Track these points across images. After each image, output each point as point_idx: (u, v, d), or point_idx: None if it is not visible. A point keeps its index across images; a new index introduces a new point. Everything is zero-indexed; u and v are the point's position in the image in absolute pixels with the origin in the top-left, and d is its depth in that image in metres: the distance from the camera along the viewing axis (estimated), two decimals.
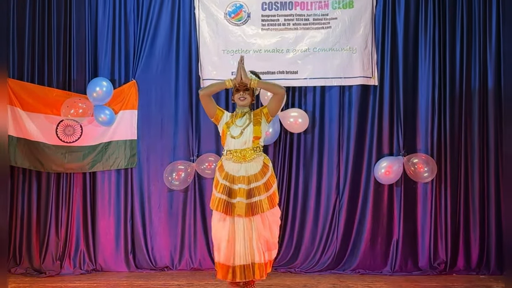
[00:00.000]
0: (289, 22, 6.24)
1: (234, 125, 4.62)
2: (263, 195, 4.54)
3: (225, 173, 4.59)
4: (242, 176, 4.55)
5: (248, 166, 4.57)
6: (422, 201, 6.17)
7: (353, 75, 6.19)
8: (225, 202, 4.52)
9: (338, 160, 6.25)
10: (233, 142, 4.58)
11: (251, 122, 4.62)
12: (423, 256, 6.13)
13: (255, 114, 4.70)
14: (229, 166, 4.60)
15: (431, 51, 6.18)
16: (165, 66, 6.28)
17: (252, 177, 4.55)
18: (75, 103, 6.08)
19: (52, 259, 6.14)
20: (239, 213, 4.48)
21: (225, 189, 4.55)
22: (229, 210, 4.52)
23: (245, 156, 4.56)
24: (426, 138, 6.17)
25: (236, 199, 4.51)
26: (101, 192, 6.27)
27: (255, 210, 4.51)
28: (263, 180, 4.57)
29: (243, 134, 4.59)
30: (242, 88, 4.64)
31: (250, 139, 4.58)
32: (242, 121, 4.63)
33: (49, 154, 6.16)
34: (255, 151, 4.61)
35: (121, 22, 6.30)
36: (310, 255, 6.19)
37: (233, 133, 4.59)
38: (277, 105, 4.72)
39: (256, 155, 4.60)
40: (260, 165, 4.61)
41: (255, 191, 4.53)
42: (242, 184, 4.53)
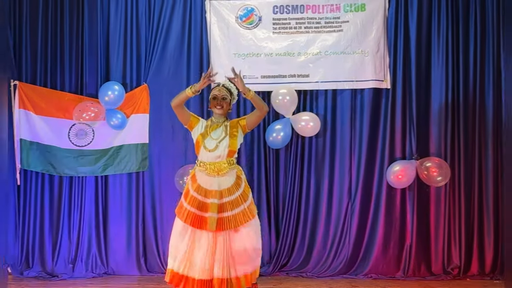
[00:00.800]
0: (301, 25, 6.22)
1: (209, 137, 4.47)
2: (239, 208, 4.41)
3: (197, 185, 4.46)
4: (214, 190, 4.41)
5: (221, 180, 4.43)
6: (436, 205, 6.12)
7: (365, 78, 6.16)
8: (194, 215, 4.39)
9: (350, 164, 6.22)
10: (207, 155, 4.44)
11: (227, 135, 4.48)
12: (437, 261, 6.09)
13: (232, 126, 4.55)
14: (202, 178, 4.46)
15: (444, 54, 6.15)
16: (177, 70, 6.28)
17: (225, 191, 4.42)
18: (87, 107, 6.11)
19: (64, 262, 6.19)
20: (210, 228, 4.35)
21: (196, 202, 4.41)
22: (198, 223, 4.38)
23: (219, 169, 4.42)
24: (439, 141, 6.13)
25: (208, 214, 4.37)
26: (113, 196, 6.29)
27: (228, 225, 4.38)
28: (238, 192, 4.45)
29: (218, 147, 4.44)
30: (220, 96, 4.52)
31: (225, 153, 4.44)
32: (217, 134, 4.49)
33: (61, 158, 6.19)
34: (229, 164, 4.47)
35: (132, 26, 6.32)
36: (322, 260, 6.18)
37: (207, 145, 4.45)
38: (258, 121, 4.62)
39: (230, 169, 4.46)
40: (234, 178, 4.48)
41: (228, 206, 4.39)
42: (214, 198, 4.39)
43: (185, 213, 4.42)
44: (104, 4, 6.30)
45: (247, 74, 6.17)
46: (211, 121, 4.56)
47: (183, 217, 4.42)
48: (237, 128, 4.53)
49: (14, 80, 6.16)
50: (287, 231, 6.17)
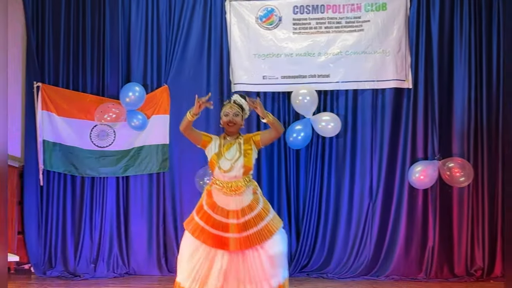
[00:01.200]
0: (321, 25, 6.20)
1: (224, 158, 4.28)
2: (264, 221, 4.22)
3: (213, 202, 4.27)
4: (233, 210, 4.22)
5: (239, 199, 4.24)
6: (458, 206, 6.07)
7: (386, 78, 6.12)
8: (211, 234, 4.19)
9: (371, 164, 6.18)
10: (223, 175, 4.26)
11: (241, 154, 4.29)
12: (460, 263, 6.04)
13: (245, 142, 4.34)
14: (219, 197, 4.27)
15: (467, 53, 6.10)
16: (197, 71, 6.30)
17: (246, 209, 4.23)
18: (108, 108, 6.14)
19: (86, 262, 6.23)
20: (233, 248, 4.16)
21: (211, 220, 4.23)
22: (219, 243, 4.19)
23: (235, 188, 4.23)
24: (462, 141, 6.08)
25: (230, 234, 4.17)
26: (134, 196, 6.31)
27: (252, 242, 4.17)
28: (259, 206, 4.26)
29: (233, 168, 4.24)
30: (232, 113, 4.33)
31: (241, 172, 4.25)
32: (231, 154, 4.29)
33: (83, 158, 6.24)
34: (246, 182, 4.27)
35: (153, 27, 6.36)
36: (343, 261, 6.15)
37: (222, 166, 4.26)
38: (272, 140, 4.47)
39: (246, 187, 4.26)
40: (251, 195, 4.29)
41: (252, 222, 4.20)
42: (234, 219, 4.20)
43: (198, 229, 4.25)
44: (125, 6, 6.35)
45: (267, 75, 6.20)
46: (224, 139, 4.39)
47: (196, 233, 4.24)
48: (251, 145, 4.34)
49: (37, 82, 6.23)
50: (307, 232, 6.17)
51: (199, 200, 4.38)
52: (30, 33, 6.31)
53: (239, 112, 4.34)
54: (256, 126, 6.07)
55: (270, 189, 6.21)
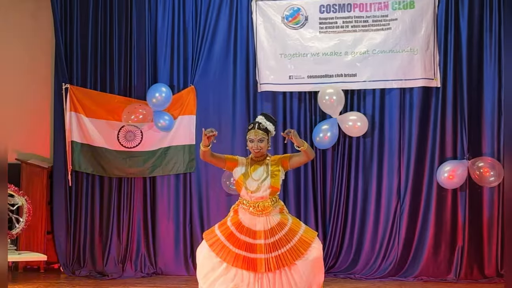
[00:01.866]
0: (348, 24, 6.19)
1: (251, 178, 4.23)
2: (293, 241, 4.14)
3: (238, 221, 4.22)
4: (260, 231, 4.16)
5: (266, 220, 4.19)
6: (489, 206, 6.01)
7: (414, 76, 6.08)
8: (241, 256, 4.12)
9: (399, 164, 6.15)
10: (249, 195, 4.22)
11: (268, 175, 4.24)
12: (490, 264, 5.99)
13: (273, 163, 4.28)
14: (246, 217, 4.22)
15: (497, 52, 6.02)
16: (223, 71, 6.33)
17: (275, 228, 4.17)
18: (135, 109, 6.21)
19: (114, 262, 6.29)
20: (260, 270, 4.09)
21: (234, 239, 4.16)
22: (250, 266, 4.11)
23: (263, 209, 4.18)
24: (492, 140, 6.02)
25: (257, 255, 4.11)
26: (161, 197, 6.36)
27: (285, 261, 4.10)
28: (288, 224, 4.20)
29: (260, 188, 4.20)
30: (256, 140, 4.22)
31: (267, 192, 4.20)
32: (258, 174, 4.24)
33: (111, 159, 6.30)
34: (273, 202, 4.23)
35: (180, 28, 6.41)
36: (371, 261, 6.14)
37: (249, 187, 4.21)
38: (301, 164, 4.48)
39: (273, 207, 4.22)
40: (278, 215, 4.23)
41: (283, 241, 4.14)
42: (262, 239, 4.14)
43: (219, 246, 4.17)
44: (152, 7, 6.40)
45: (294, 75, 6.21)
46: (251, 160, 4.33)
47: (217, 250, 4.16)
48: (279, 167, 4.28)
49: (66, 83, 6.29)
50: (334, 232, 6.17)
51: (225, 219, 4.32)
52: (58, 36, 6.37)
53: (264, 138, 4.24)
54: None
55: (297, 190, 6.21)
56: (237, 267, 4.12)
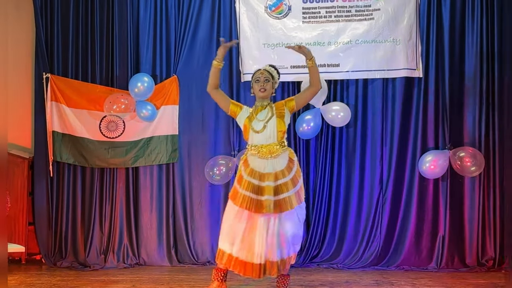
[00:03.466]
0: (331, 14, 6.21)
1: (256, 119, 4.47)
2: (291, 191, 4.40)
3: (251, 169, 4.43)
4: (268, 173, 4.39)
5: (275, 162, 4.42)
6: (470, 196, 6.09)
7: (397, 67, 6.13)
8: (251, 199, 4.35)
9: (382, 154, 6.20)
10: (257, 137, 4.43)
11: (274, 115, 4.46)
12: (471, 253, 6.06)
13: (277, 107, 4.53)
14: (255, 162, 4.44)
15: (479, 41, 6.09)
16: (206, 61, 6.27)
17: (280, 173, 4.40)
18: (117, 99, 6.19)
19: (96, 253, 6.28)
20: (268, 210, 4.33)
21: (252, 186, 4.38)
22: (256, 207, 4.35)
23: (271, 151, 4.41)
24: (474, 131, 6.10)
25: (265, 197, 4.35)
26: (144, 187, 6.37)
27: (284, 207, 4.37)
28: (290, 175, 4.43)
29: (267, 128, 4.43)
30: (263, 78, 4.51)
31: (275, 133, 4.42)
32: (263, 115, 4.47)
33: (93, 149, 6.28)
34: (281, 146, 4.45)
35: (162, 17, 6.39)
36: (353, 251, 6.19)
37: (255, 127, 4.44)
38: (310, 98, 4.63)
39: (282, 150, 4.44)
40: (286, 160, 4.46)
41: (283, 188, 4.38)
42: (270, 181, 4.38)
43: (240, 198, 4.40)
44: None
45: (277, 64, 5.85)
46: (255, 106, 4.56)
47: (239, 202, 4.39)
48: (284, 108, 4.50)
49: (46, 73, 6.26)
50: (317, 222, 6.19)
51: (238, 171, 4.52)
52: (39, 24, 6.32)
53: (269, 78, 4.51)
54: None
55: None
56: (251, 211, 4.33)
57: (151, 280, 5.50)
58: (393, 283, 5.38)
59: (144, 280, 5.52)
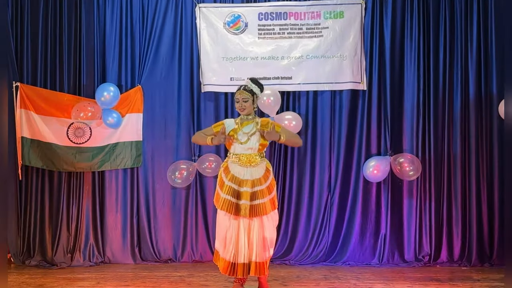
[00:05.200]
0: (284, 31, 6.32)
1: (242, 132, 4.65)
2: (266, 198, 4.59)
3: (231, 175, 4.63)
4: (247, 180, 4.59)
5: (253, 170, 4.62)
6: (408, 197, 6.25)
7: (344, 80, 6.28)
8: (231, 203, 4.56)
9: (330, 160, 6.31)
10: (240, 147, 4.64)
11: (257, 131, 4.67)
12: (409, 249, 6.22)
13: (263, 124, 4.69)
14: (236, 169, 4.64)
15: (416, 58, 6.26)
16: (169, 72, 6.36)
17: (256, 181, 4.60)
18: (84, 107, 6.18)
19: (63, 252, 6.26)
20: (243, 214, 4.53)
21: (232, 191, 4.58)
22: (235, 210, 4.55)
23: (251, 161, 4.62)
24: (412, 139, 6.25)
25: (242, 201, 4.55)
26: (109, 190, 6.35)
27: (258, 212, 4.56)
28: (266, 184, 4.63)
29: (250, 140, 4.64)
30: (241, 99, 4.67)
31: (257, 146, 4.64)
32: (249, 128, 4.66)
33: (60, 154, 6.24)
34: (260, 157, 4.67)
35: (127, 31, 6.38)
36: (304, 248, 6.27)
37: (240, 139, 4.64)
38: None
39: (260, 161, 4.66)
40: (263, 170, 4.67)
41: (258, 194, 4.57)
42: (247, 187, 4.57)
43: (222, 201, 4.59)
44: (101, 8, 6.32)
45: (235, 77, 6.31)
46: (240, 119, 4.72)
47: (221, 205, 4.58)
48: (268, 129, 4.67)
49: (16, 81, 6.22)
50: None
51: (218, 178, 4.72)
52: (8, 34, 6.21)
53: (248, 98, 4.65)
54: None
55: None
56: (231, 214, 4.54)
57: (115, 277, 5.55)
58: (340, 278, 5.53)
59: (108, 277, 5.56)
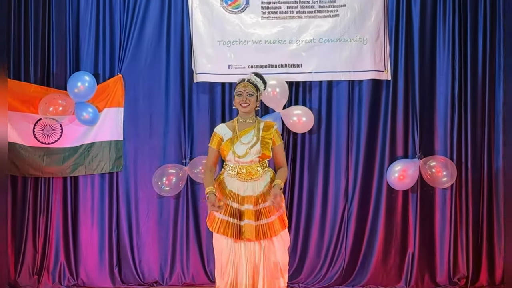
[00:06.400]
0: (292, 9, 6.04)
1: (240, 142, 4.33)
2: (274, 216, 4.29)
3: (229, 191, 4.32)
4: (248, 196, 4.29)
5: (256, 184, 4.32)
6: (441, 209, 6.03)
7: (364, 68, 6.02)
8: (229, 223, 4.25)
9: (347, 164, 6.12)
10: (236, 160, 4.34)
11: (259, 140, 4.35)
12: (442, 270, 6.02)
13: (265, 129, 4.38)
14: (234, 184, 4.34)
15: (451, 42, 6.00)
16: (155, 59, 6.14)
17: (261, 197, 4.30)
18: (54, 100, 5.94)
19: (28, 273, 6.06)
20: (248, 236, 4.20)
21: (230, 210, 4.28)
22: (235, 233, 4.24)
23: (251, 173, 4.32)
24: (445, 138, 6.02)
25: (244, 221, 4.22)
26: (84, 199, 6.16)
27: (266, 233, 4.25)
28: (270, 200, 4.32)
29: (249, 153, 4.32)
30: (246, 92, 4.35)
31: (257, 159, 4.33)
32: (248, 138, 4.35)
33: (25, 156, 6.00)
34: (263, 167, 4.35)
35: (105, 9, 6.14)
36: (316, 269, 6.09)
37: (237, 151, 4.31)
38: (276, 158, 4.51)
39: (263, 172, 4.35)
40: (268, 182, 4.36)
41: (265, 212, 4.28)
42: (249, 204, 4.27)
43: (218, 223, 4.30)
44: None
45: (233, 64, 6.07)
46: (237, 122, 4.40)
47: (216, 227, 4.29)
48: (270, 139, 4.37)
49: None
50: None
51: None
52: None
53: (253, 92, 4.37)
54: None
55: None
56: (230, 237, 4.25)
57: None
58: None
59: None
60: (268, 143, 4.36)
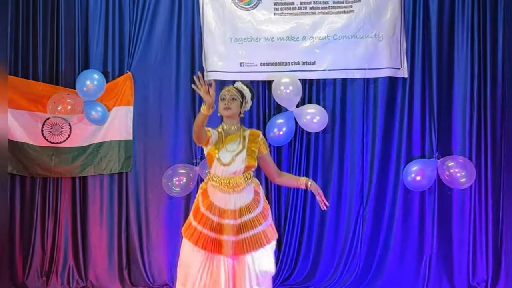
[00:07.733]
0: (306, 6, 5.99)
1: (225, 149, 4.19)
2: (262, 226, 4.16)
3: (210, 203, 4.18)
4: (230, 210, 4.15)
5: (237, 197, 4.17)
6: (459, 210, 5.97)
7: (379, 66, 5.96)
8: (208, 238, 4.10)
9: (362, 164, 6.07)
10: (221, 169, 4.18)
11: (244, 148, 4.21)
12: (460, 274, 5.95)
13: (252, 139, 4.27)
14: (215, 195, 4.19)
15: (470, 38, 5.95)
16: (165, 57, 6.12)
17: (244, 209, 4.16)
18: (63, 99, 5.92)
19: (37, 275, 6.04)
20: (226, 252, 4.04)
21: (209, 222, 4.14)
22: (214, 247, 4.08)
23: (234, 185, 4.17)
24: (464, 138, 5.97)
25: (224, 236, 4.07)
26: (93, 200, 6.13)
27: (248, 247, 4.11)
28: (258, 209, 4.20)
29: (234, 162, 4.18)
30: (229, 96, 4.23)
31: (242, 168, 4.18)
32: (234, 146, 4.22)
33: (34, 156, 6.00)
34: (246, 179, 4.20)
35: (115, 6, 6.14)
36: (330, 272, 6.03)
37: (222, 159, 4.17)
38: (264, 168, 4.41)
39: (246, 184, 4.20)
40: (252, 194, 4.23)
41: (248, 225, 4.13)
42: (230, 219, 4.12)
43: (196, 234, 4.15)
44: None
45: (245, 62, 6.04)
46: (222, 129, 4.26)
47: (194, 239, 4.14)
48: (256, 148, 4.25)
49: None
50: (290, 240, 6.00)
51: (195, 201, 4.32)
52: None
53: (237, 97, 4.25)
54: None
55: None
56: (209, 252, 4.11)
57: None
58: None
59: None
60: (254, 151, 4.25)
